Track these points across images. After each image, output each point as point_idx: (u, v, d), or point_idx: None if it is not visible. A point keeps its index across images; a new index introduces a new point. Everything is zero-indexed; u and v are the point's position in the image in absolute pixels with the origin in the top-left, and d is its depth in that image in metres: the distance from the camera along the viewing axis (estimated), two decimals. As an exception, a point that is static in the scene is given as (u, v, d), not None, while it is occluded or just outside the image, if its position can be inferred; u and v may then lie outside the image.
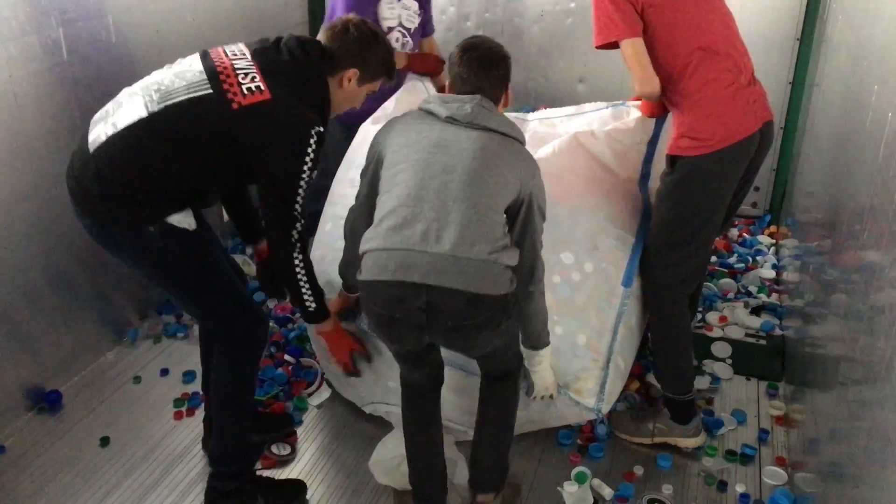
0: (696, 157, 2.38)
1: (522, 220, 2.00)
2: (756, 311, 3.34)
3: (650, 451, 2.59)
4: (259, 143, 2.00)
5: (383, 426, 2.69)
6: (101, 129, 2.02)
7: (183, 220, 2.07)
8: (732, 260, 3.79)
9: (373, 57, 2.19)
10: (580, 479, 2.42)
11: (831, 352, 2.18)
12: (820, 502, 2.04)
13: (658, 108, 2.70)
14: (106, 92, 2.94)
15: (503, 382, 2.22)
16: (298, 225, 2.10)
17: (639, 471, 2.52)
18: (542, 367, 2.24)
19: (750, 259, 3.80)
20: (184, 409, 2.79)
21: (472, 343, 1.98)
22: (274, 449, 2.58)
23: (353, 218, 2.20)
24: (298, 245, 2.13)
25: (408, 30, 3.20)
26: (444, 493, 2.25)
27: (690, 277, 2.58)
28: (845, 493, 1.79)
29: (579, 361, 2.42)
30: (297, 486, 2.41)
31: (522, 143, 2.11)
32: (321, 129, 2.05)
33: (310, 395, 2.85)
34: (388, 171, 2.00)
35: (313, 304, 2.25)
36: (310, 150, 2.02)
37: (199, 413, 2.76)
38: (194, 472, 2.51)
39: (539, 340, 2.18)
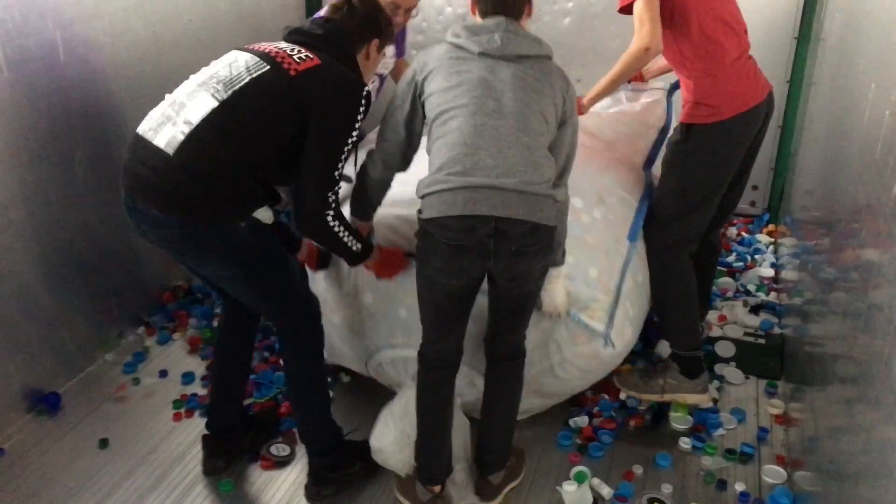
0: (712, 124, 2.48)
1: (563, 128, 2.16)
2: (755, 309, 3.34)
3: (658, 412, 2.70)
4: (318, 101, 2.07)
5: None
6: (172, 130, 2.02)
7: (263, 214, 2.19)
8: (731, 259, 3.79)
9: (384, 22, 2.30)
10: (579, 478, 2.42)
11: (830, 350, 2.18)
12: (820, 501, 2.04)
13: (639, 75, 2.84)
14: (103, 93, 2.97)
15: (510, 363, 2.30)
16: (336, 188, 2.14)
17: (638, 470, 2.51)
18: (554, 287, 2.32)
19: (749, 258, 3.80)
20: (182, 410, 2.79)
21: (527, 269, 2.09)
22: (273, 450, 2.58)
23: (382, 158, 2.25)
24: (333, 205, 2.15)
25: (381, 75, 3.21)
26: (449, 472, 2.34)
27: (694, 237, 2.68)
28: (845, 492, 1.79)
29: (590, 291, 2.42)
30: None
31: (550, 57, 2.17)
32: (368, 89, 2.14)
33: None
34: (438, 117, 2.08)
35: (357, 246, 2.27)
36: (360, 108, 2.12)
37: (198, 414, 2.77)
38: (193, 473, 2.51)
39: (555, 256, 2.25)
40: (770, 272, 3.66)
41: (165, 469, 2.53)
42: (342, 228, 2.19)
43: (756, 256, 3.82)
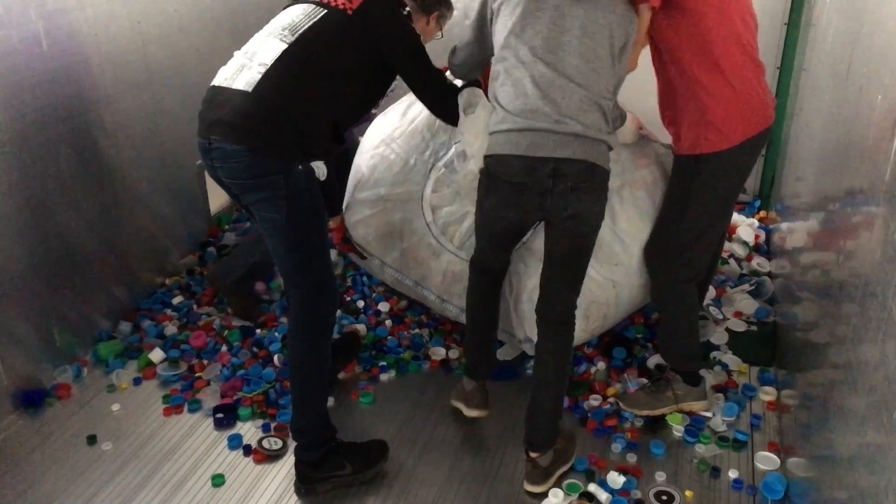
0: (722, 151, 2.38)
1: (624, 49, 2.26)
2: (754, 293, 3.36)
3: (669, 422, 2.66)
4: (381, 33, 2.29)
5: (373, 419, 2.70)
6: (249, 73, 2.19)
7: (320, 167, 2.29)
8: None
9: (448, 4, 2.62)
10: (572, 489, 2.40)
11: (822, 336, 2.17)
12: (813, 487, 2.04)
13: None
14: (87, 85, 2.94)
15: (560, 327, 2.39)
16: (451, 83, 2.50)
17: (631, 459, 2.51)
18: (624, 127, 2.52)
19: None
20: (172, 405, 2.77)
21: (584, 208, 2.22)
22: (265, 444, 2.57)
23: (461, 70, 2.54)
24: (452, 87, 2.49)
25: None
26: (491, 369, 2.66)
27: (702, 271, 2.62)
28: (839, 477, 1.79)
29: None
30: (380, 446, 2.50)
31: None
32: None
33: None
34: (504, 59, 2.24)
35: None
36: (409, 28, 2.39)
37: (188, 409, 2.75)
38: (184, 469, 2.49)
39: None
40: (750, 234, 3.69)
41: (156, 464, 2.51)
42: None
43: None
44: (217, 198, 3.96)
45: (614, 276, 2.67)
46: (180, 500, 2.37)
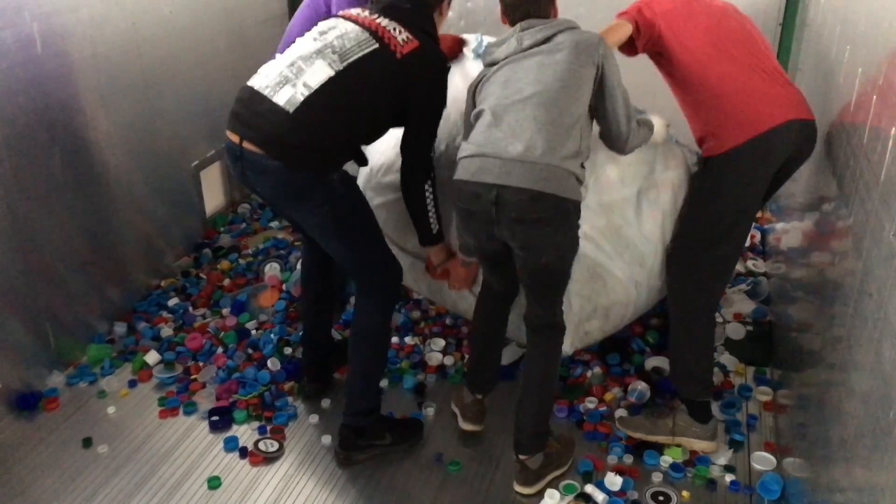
0: (721, 155, 2.38)
1: (599, 93, 2.24)
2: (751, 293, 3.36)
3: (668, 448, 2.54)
4: (419, 85, 2.34)
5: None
6: (292, 90, 2.24)
7: (351, 167, 2.41)
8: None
9: None
10: (568, 490, 2.40)
11: (818, 336, 2.18)
12: (810, 486, 2.04)
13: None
14: (82, 86, 2.93)
15: (542, 332, 2.38)
16: (432, 155, 2.47)
17: (628, 459, 2.51)
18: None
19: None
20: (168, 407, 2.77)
21: (532, 238, 2.18)
22: (261, 446, 2.56)
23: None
24: (431, 176, 2.46)
25: None
26: (492, 386, 2.62)
27: (726, 279, 2.57)
28: (835, 477, 1.79)
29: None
30: (416, 424, 2.64)
31: (571, 28, 2.26)
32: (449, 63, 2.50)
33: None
34: (477, 115, 2.28)
35: (436, 226, 2.54)
36: (448, 83, 2.41)
37: (183, 412, 2.74)
38: (180, 472, 2.48)
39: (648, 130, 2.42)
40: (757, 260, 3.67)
41: (152, 467, 2.50)
42: (431, 202, 2.49)
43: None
44: (212, 199, 3.96)
45: (638, 276, 2.62)
46: (177, 502, 2.36)
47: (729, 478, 2.43)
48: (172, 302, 3.36)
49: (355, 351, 2.51)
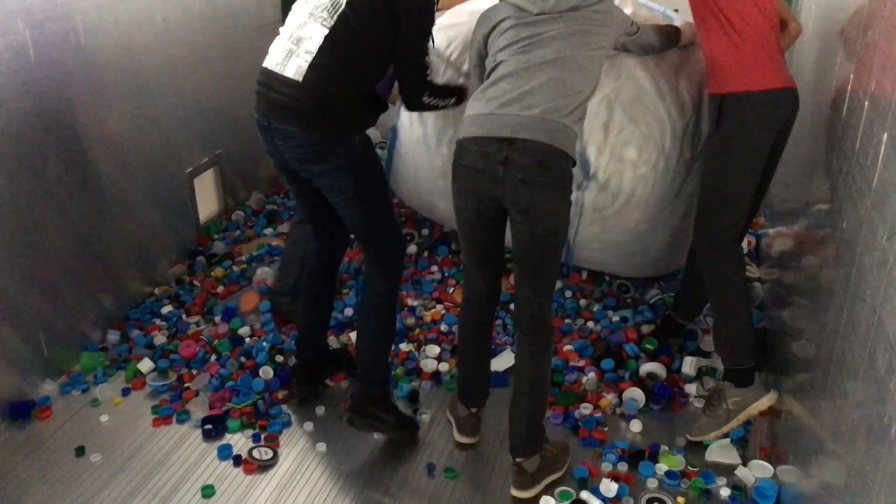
0: (743, 94, 2.45)
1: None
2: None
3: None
4: (405, 6, 2.36)
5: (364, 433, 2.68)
6: (297, 61, 2.35)
7: (372, 133, 2.49)
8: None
9: None
10: (564, 496, 2.39)
11: (812, 342, 2.18)
12: (805, 492, 2.04)
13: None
14: (75, 94, 2.92)
15: (533, 336, 2.38)
16: (429, 72, 2.52)
17: (622, 466, 2.51)
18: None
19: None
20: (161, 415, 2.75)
21: (534, 202, 2.21)
22: (255, 454, 2.55)
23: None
24: (429, 86, 2.56)
25: None
26: (484, 397, 2.66)
27: (745, 225, 2.69)
28: (831, 483, 1.79)
29: None
30: (414, 424, 2.71)
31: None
32: None
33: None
34: (492, 69, 2.33)
35: (453, 99, 2.68)
36: (434, 8, 2.49)
37: (176, 420, 2.73)
38: (174, 480, 2.47)
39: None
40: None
41: (145, 476, 2.49)
42: (439, 99, 2.61)
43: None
44: (206, 206, 3.95)
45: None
46: (170, 511, 2.35)
47: (725, 493, 2.41)
48: (166, 309, 3.35)
49: (366, 322, 2.63)
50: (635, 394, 2.80)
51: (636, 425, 2.69)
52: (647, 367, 2.93)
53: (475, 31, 2.47)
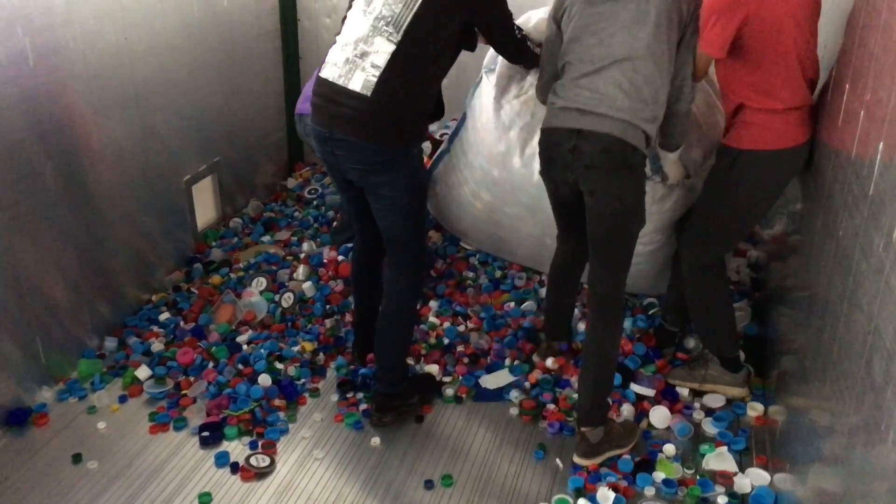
0: (762, 153, 2.47)
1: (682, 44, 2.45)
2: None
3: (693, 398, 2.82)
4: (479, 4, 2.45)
5: (362, 439, 2.68)
6: (363, 75, 2.40)
7: (425, 146, 2.78)
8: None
9: None
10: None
11: (809, 350, 2.18)
12: (802, 500, 2.04)
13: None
14: (74, 101, 2.92)
15: (602, 311, 2.51)
16: (517, 32, 2.67)
17: (622, 483, 2.51)
18: (670, 161, 2.73)
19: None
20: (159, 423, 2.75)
21: (600, 186, 2.38)
22: (252, 461, 2.55)
23: (545, 82, 2.64)
24: (525, 40, 2.73)
25: None
26: (564, 335, 3.01)
27: (731, 248, 2.84)
28: (828, 491, 1.79)
29: None
30: (433, 380, 2.91)
31: None
32: None
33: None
34: (564, 54, 2.45)
35: (537, 49, 2.75)
36: None
37: (173, 427, 2.72)
38: (171, 487, 2.46)
39: (669, 144, 2.64)
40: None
41: (142, 483, 2.48)
42: (535, 45, 2.76)
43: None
44: (204, 214, 3.95)
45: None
46: (167, 519, 2.35)
47: (723, 501, 2.40)
48: (163, 316, 3.34)
49: (387, 329, 2.70)
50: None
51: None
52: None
53: (548, 19, 2.57)
